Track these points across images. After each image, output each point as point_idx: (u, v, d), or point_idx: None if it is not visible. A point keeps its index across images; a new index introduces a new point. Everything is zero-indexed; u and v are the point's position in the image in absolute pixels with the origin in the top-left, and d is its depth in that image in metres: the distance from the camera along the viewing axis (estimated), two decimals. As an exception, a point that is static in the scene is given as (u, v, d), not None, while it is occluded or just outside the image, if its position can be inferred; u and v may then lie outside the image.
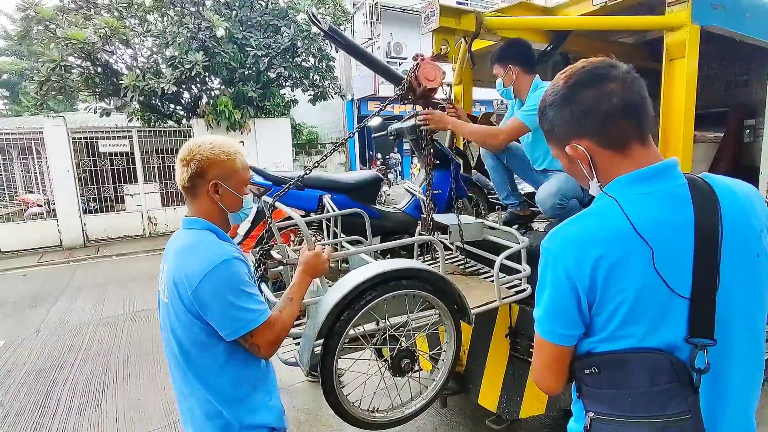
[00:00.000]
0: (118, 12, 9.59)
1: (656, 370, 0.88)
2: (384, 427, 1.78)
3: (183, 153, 1.29)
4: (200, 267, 1.21)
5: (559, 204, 2.29)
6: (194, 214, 1.33)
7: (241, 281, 1.25)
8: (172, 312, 1.27)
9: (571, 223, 0.96)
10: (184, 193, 1.34)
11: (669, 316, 0.87)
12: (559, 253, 0.94)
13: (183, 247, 1.29)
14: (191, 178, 1.28)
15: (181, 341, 1.27)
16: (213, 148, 1.28)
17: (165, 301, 1.29)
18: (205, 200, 1.32)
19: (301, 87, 11.38)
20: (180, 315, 1.25)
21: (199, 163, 1.27)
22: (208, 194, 1.31)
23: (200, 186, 1.30)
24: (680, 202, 0.90)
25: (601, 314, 0.91)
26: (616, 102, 0.91)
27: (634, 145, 0.94)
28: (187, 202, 1.35)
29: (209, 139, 1.31)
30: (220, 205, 1.33)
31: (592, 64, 0.96)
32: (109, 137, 10.08)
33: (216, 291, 1.20)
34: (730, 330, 0.89)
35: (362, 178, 3.32)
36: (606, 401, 0.94)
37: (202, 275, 1.20)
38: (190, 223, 1.34)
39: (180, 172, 1.29)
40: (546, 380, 1.03)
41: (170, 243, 1.37)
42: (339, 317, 1.58)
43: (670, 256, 0.87)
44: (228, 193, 1.33)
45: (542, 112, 1.04)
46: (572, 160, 1.00)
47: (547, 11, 2.97)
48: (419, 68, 2.12)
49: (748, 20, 2.36)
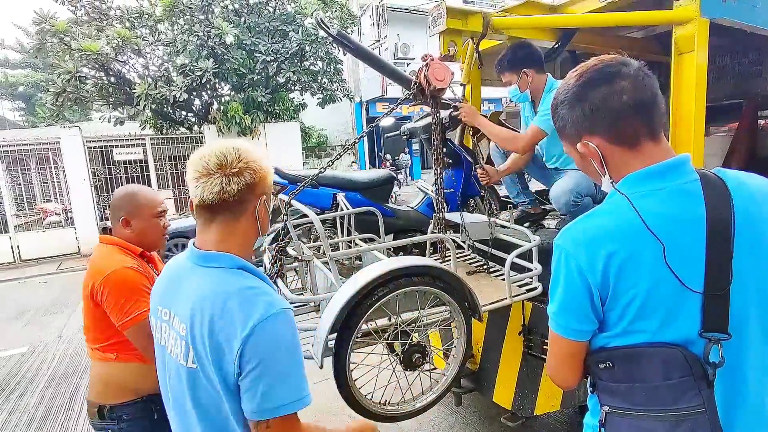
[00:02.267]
0: (130, 22, 9.79)
1: (670, 364, 0.88)
2: (395, 419, 1.81)
3: (225, 159, 0.99)
4: (247, 323, 0.90)
5: (573, 201, 2.31)
6: (223, 240, 1.02)
7: (295, 347, 0.96)
8: (200, 380, 0.96)
9: (583, 221, 0.97)
10: (210, 210, 1.01)
11: (682, 311, 0.88)
12: (571, 250, 0.95)
13: (214, 298, 0.95)
14: (241, 191, 0.99)
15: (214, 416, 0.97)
16: (261, 157, 1.04)
17: (189, 366, 0.97)
18: (249, 220, 1.04)
19: (309, 91, 11.47)
20: (214, 386, 0.94)
21: (254, 173, 1.00)
22: (254, 212, 1.04)
23: (249, 202, 1.02)
24: (691, 198, 0.90)
25: (614, 309, 0.92)
26: (627, 99, 0.92)
27: (645, 142, 0.94)
28: (215, 222, 1.02)
29: (250, 146, 1.04)
30: (259, 226, 1.06)
31: (603, 62, 0.97)
32: (123, 145, 10.28)
33: (263, 353, 0.91)
34: (744, 324, 0.89)
35: (376, 177, 3.37)
36: (620, 395, 0.95)
37: (248, 334, 0.90)
38: (211, 260, 1.00)
39: (220, 182, 0.97)
40: (561, 375, 1.05)
41: (181, 285, 1.03)
42: (352, 312, 1.62)
43: (681, 252, 0.87)
44: (266, 213, 1.07)
45: (554, 109, 1.05)
46: (584, 157, 1.01)
47: (554, 9, 2.97)
48: (429, 69, 2.14)
49: (759, 11, 2.34)
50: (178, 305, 1.01)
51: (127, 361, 1.56)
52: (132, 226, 1.61)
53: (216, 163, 0.98)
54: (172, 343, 1.02)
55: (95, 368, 1.61)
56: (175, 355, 1.01)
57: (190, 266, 1.04)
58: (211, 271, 0.99)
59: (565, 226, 1.00)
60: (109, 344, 1.55)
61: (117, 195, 1.63)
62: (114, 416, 1.55)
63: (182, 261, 1.08)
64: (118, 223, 1.61)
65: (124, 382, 1.56)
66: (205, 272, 1.00)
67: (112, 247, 1.59)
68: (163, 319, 1.06)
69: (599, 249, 0.90)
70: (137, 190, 1.65)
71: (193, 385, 0.98)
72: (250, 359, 0.90)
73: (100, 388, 1.58)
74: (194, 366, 0.96)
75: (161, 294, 1.09)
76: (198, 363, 0.95)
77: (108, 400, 1.56)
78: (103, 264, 1.52)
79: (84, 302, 1.56)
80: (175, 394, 1.04)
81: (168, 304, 1.05)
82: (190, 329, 0.96)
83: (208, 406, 0.97)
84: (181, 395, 1.01)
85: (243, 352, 0.90)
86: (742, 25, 2.28)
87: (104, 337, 1.55)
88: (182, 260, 1.08)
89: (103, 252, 1.58)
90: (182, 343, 0.98)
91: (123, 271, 1.50)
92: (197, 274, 1.01)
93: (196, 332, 0.94)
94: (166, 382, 1.08)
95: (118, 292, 1.48)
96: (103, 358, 1.57)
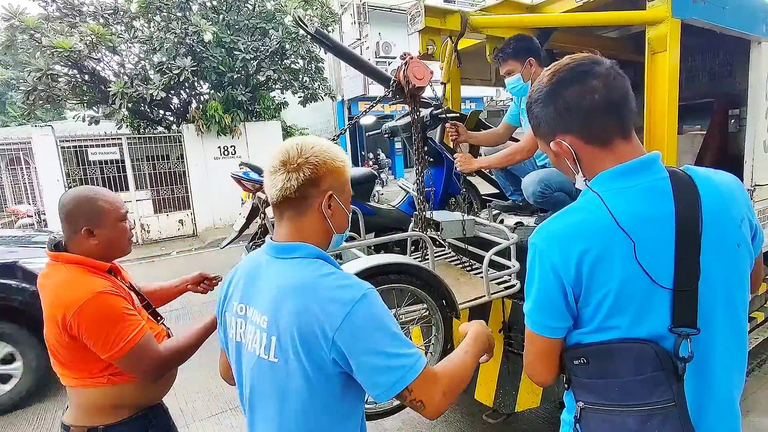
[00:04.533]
0: (104, 19, 9.54)
1: (642, 359, 0.90)
2: (377, 416, 1.80)
3: (287, 155, 0.99)
4: (337, 309, 0.91)
5: (541, 191, 2.33)
6: (293, 235, 1.02)
7: (391, 320, 0.97)
8: (284, 373, 0.96)
9: (556, 219, 0.98)
10: (279, 208, 1.02)
11: (652, 307, 0.90)
12: (545, 248, 0.96)
13: (296, 286, 0.96)
14: (302, 187, 0.98)
15: (297, 407, 0.97)
16: (328, 150, 1.02)
17: (270, 360, 0.97)
18: (315, 217, 1.02)
19: (290, 89, 11.38)
20: (302, 376, 0.94)
21: (315, 168, 0.99)
22: (319, 209, 1.01)
23: (313, 197, 1.00)
24: (661, 195, 0.92)
25: (587, 306, 0.94)
26: (599, 99, 0.93)
27: (617, 141, 0.95)
28: (284, 219, 1.03)
29: (317, 140, 1.03)
30: (330, 224, 1.04)
31: (575, 60, 0.98)
32: (98, 145, 10.01)
33: (363, 337, 0.92)
34: (712, 319, 0.91)
35: (356, 175, 3.35)
36: (595, 391, 0.96)
37: (341, 319, 0.90)
38: (289, 251, 1.01)
39: (282, 179, 0.98)
40: (538, 372, 1.05)
41: (258, 279, 1.04)
42: None
43: (651, 249, 0.89)
44: (339, 210, 1.05)
45: (529, 107, 1.05)
46: (558, 155, 1.02)
47: (531, 9, 3.00)
48: (408, 67, 2.14)
49: (728, 12, 2.41)
50: (256, 299, 1.01)
51: (122, 383, 1.38)
52: (96, 236, 1.38)
53: (280, 160, 0.99)
54: (250, 337, 1.01)
55: (80, 396, 1.39)
56: (253, 349, 1.00)
57: (266, 259, 1.04)
58: (289, 261, 1.00)
59: (539, 225, 1.01)
60: (98, 369, 1.35)
61: (70, 202, 1.37)
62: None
63: (258, 256, 1.07)
64: (77, 235, 1.36)
65: (121, 401, 1.40)
66: (283, 263, 1.00)
67: (74, 267, 1.35)
68: (239, 314, 1.05)
69: (572, 246, 0.91)
70: (95, 192, 1.41)
71: (275, 376, 0.97)
72: (353, 345, 0.91)
73: (90, 411, 1.39)
74: (275, 359, 0.96)
75: (241, 292, 1.06)
76: (281, 354, 0.95)
77: (101, 421, 1.37)
78: (70, 294, 1.28)
79: (50, 331, 1.31)
80: (256, 388, 1.02)
81: (246, 299, 1.04)
82: (272, 320, 0.96)
83: (292, 396, 0.96)
84: (262, 388, 1.01)
85: (341, 338, 0.90)
86: (712, 26, 2.34)
87: (88, 363, 1.34)
88: (258, 255, 1.08)
89: (65, 276, 1.33)
90: (263, 335, 0.98)
91: (97, 299, 1.28)
92: (275, 266, 1.01)
93: (280, 322, 0.94)
94: (242, 379, 1.06)
95: (98, 326, 1.27)
96: (92, 384, 1.36)
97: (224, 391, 3.53)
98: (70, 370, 1.37)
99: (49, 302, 1.31)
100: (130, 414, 1.42)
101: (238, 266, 1.12)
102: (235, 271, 1.12)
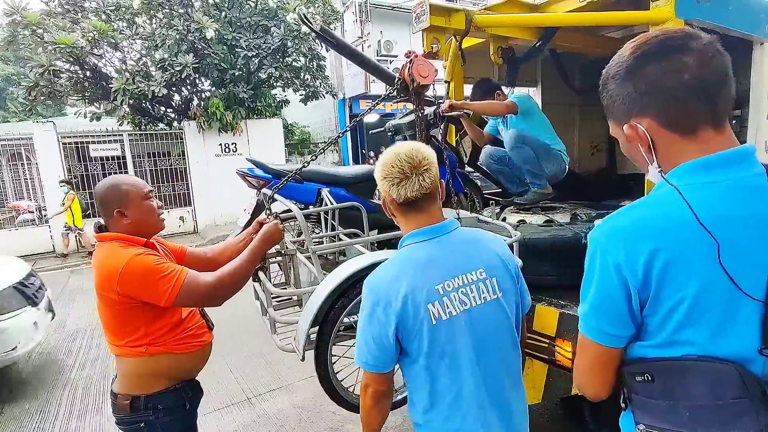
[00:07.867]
0: (106, 15, 9.55)
1: (721, 382, 0.78)
2: None
3: (413, 161, 1.20)
4: (504, 247, 1.32)
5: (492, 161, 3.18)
6: (439, 217, 1.27)
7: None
8: (504, 303, 1.24)
9: (623, 213, 0.86)
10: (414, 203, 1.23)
11: (737, 321, 0.77)
12: (608, 245, 0.84)
13: (481, 239, 1.31)
14: (433, 182, 1.23)
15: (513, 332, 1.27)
16: (427, 151, 1.27)
17: (495, 297, 1.23)
18: (439, 201, 1.30)
19: (292, 87, 11.38)
20: (513, 300, 1.28)
21: (432, 166, 1.25)
22: (438, 195, 1.29)
23: (436, 188, 1.26)
24: (755, 193, 0.79)
25: (655, 314, 0.83)
26: (688, 78, 0.79)
27: (705, 129, 0.82)
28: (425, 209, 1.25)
29: (416, 145, 1.27)
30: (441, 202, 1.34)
31: (666, 33, 0.84)
32: (99, 142, 10.02)
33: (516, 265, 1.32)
34: None
35: (360, 172, 3.37)
36: (660, 413, 0.85)
37: (509, 251, 1.32)
38: (451, 224, 1.29)
39: (419, 180, 1.20)
40: (591, 384, 0.94)
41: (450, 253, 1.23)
42: (333, 305, 1.63)
43: (739, 252, 0.76)
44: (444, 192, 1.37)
45: (603, 84, 0.91)
46: (630, 140, 0.88)
47: (535, 8, 3.02)
48: (413, 65, 2.15)
49: (732, 13, 2.42)
50: (461, 265, 1.21)
51: (158, 354, 1.55)
52: (128, 216, 1.58)
53: (410, 166, 1.20)
54: (475, 294, 1.20)
55: (123, 364, 1.58)
56: (482, 300, 1.21)
57: (440, 238, 1.23)
58: (459, 230, 1.28)
59: (603, 219, 0.89)
60: (136, 339, 1.53)
61: (101, 191, 1.60)
62: (150, 406, 1.55)
63: (432, 244, 1.23)
64: (112, 218, 1.58)
65: (159, 371, 1.57)
66: (460, 232, 1.28)
67: (115, 242, 1.56)
68: (450, 289, 1.18)
69: (641, 244, 0.80)
70: (119, 179, 1.62)
71: (499, 308, 1.23)
72: (517, 269, 1.31)
73: (132, 380, 1.56)
74: (499, 294, 1.23)
75: (439, 274, 1.19)
76: (502, 288, 1.23)
77: (143, 390, 1.55)
78: (113, 261, 1.47)
79: (100, 302, 1.53)
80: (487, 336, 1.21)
81: (450, 275, 1.19)
82: (488, 268, 1.23)
83: (513, 319, 1.26)
84: (495, 330, 1.22)
85: (515, 264, 1.30)
86: (715, 27, 2.35)
87: (129, 332, 1.52)
88: (432, 244, 1.23)
89: (108, 250, 1.54)
90: (486, 283, 1.22)
91: (134, 260, 1.46)
92: (456, 236, 1.26)
93: (493, 266, 1.24)
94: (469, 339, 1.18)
95: (141, 279, 1.45)
96: (132, 353, 1.54)
97: (226, 387, 3.55)
98: (114, 340, 1.55)
99: (98, 274, 1.50)
100: (167, 386, 1.59)
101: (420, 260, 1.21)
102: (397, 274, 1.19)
